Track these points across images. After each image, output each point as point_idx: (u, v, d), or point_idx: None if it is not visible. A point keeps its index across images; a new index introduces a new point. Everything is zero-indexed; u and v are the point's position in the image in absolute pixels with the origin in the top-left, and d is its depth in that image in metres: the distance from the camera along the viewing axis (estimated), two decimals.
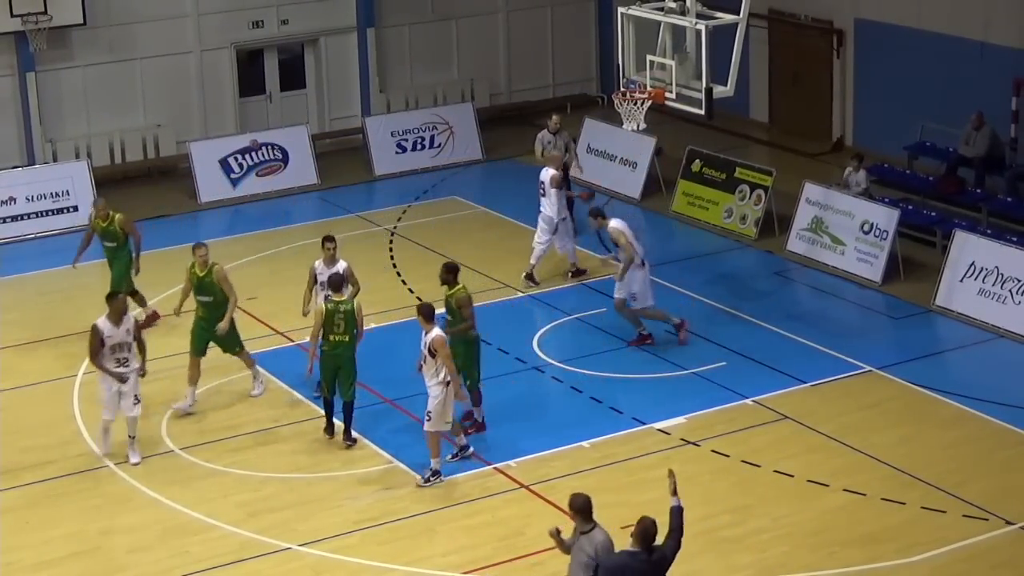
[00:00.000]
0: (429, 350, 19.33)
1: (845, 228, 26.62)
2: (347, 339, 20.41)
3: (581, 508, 14.20)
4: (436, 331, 19.45)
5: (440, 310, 20.29)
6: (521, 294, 25.72)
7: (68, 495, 19.66)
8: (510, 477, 19.68)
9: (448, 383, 19.29)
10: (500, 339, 23.73)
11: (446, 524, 18.62)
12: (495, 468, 19.91)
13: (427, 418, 19.37)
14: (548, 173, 25.96)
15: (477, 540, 18.17)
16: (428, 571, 17.66)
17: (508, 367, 22.91)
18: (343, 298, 20.53)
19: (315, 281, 21.72)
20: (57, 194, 30.19)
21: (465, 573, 17.54)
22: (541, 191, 26.04)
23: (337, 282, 20.67)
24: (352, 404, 20.53)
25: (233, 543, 18.33)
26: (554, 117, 28.82)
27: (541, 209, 26.01)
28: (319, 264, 21.80)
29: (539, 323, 24.48)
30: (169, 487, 19.64)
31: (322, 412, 21.39)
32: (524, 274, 26.06)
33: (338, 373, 20.49)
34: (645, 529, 13.91)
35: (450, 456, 19.81)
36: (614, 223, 23.41)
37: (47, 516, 19.16)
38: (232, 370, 23.03)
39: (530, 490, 19.32)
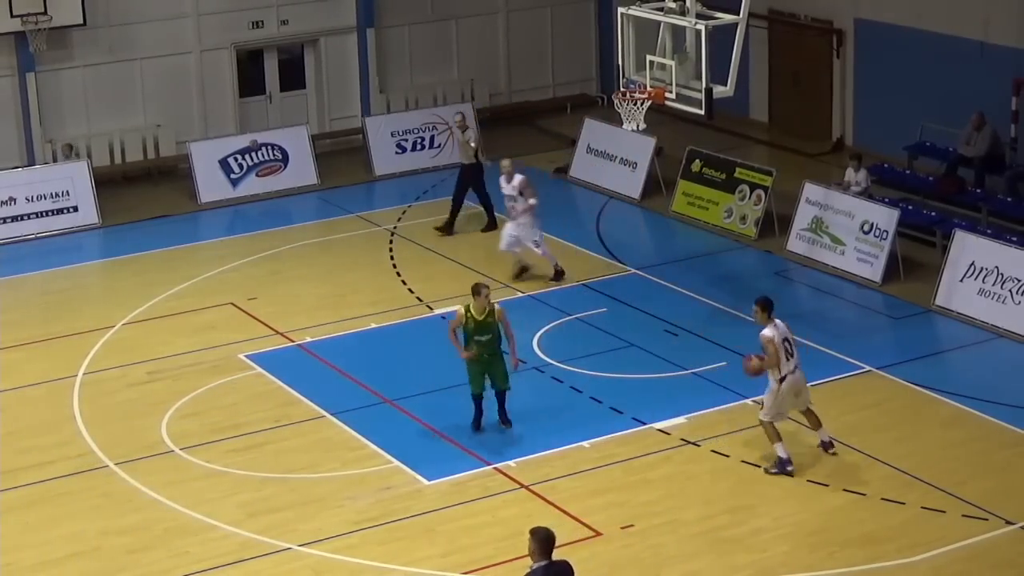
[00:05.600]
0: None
1: (845, 228, 26.62)
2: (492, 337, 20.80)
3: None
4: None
5: None
6: (521, 294, 25.70)
7: (68, 495, 19.64)
8: (510, 477, 19.66)
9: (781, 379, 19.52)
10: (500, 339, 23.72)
11: (446, 524, 18.59)
12: (495, 468, 19.90)
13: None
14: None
15: (477, 540, 18.16)
16: (428, 571, 17.65)
17: (508, 367, 22.86)
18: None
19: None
20: (57, 194, 30.18)
21: (465, 573, 17.52)
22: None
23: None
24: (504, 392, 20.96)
25: (233, 543, 18.31)
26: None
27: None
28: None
29: (539, 323, 24.45)
30: (169, 487, 19.64)
31: (322, 412, 21.49)
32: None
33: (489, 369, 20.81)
34: (547, 538, 13.64)
35: None
36: None
37: (47, 516, 19.15)
38: (231, 370, 23.05)
39: (530, 490, 19.31)
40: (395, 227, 29.37)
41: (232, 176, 31.79)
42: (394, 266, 27.20)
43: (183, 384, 22.64)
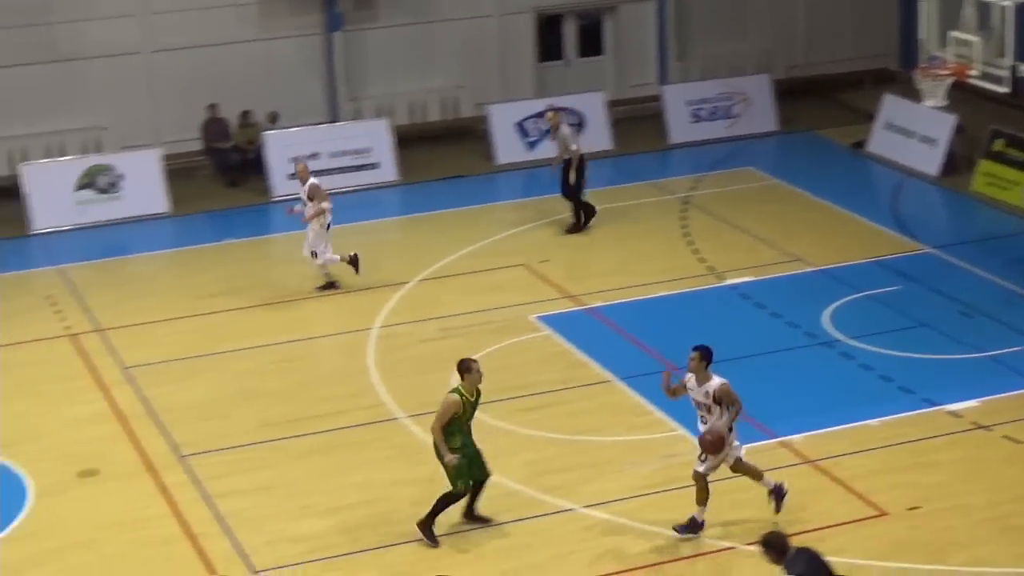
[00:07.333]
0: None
1: None
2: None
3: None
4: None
5: None
6: (811, 268, 25.47)
7: (360, 444, 20.20)
8: (794, 451, 19.57)
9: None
10: (790, 313, 23.61)
11: (728, 495, 18.39)
12: (780, 442, 19.82)
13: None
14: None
15: (758, 513, 18.07)
16: (708, 539, 17.65)
17: (797, 341, 22.76)
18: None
19: None
20: (359, 151, 30.96)
21: (746, 544, 17.50)
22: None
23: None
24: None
25: (517, 500, 18.57)
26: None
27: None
28: None
29: (830, 298, 24.21)
30: None
31: (608, 376, 21.64)
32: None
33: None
34: (780, 541, 14.20)
35: None
36: None
37: (340, 464, 19.73)
38: (521, 330, 23.37)
39: (815, 465, 19.18)
40: (689, 195, 29.35)
41: (528, 139, 32.15)
42: (686, 234, 27.20)
43: (474, 342, 22.96)
